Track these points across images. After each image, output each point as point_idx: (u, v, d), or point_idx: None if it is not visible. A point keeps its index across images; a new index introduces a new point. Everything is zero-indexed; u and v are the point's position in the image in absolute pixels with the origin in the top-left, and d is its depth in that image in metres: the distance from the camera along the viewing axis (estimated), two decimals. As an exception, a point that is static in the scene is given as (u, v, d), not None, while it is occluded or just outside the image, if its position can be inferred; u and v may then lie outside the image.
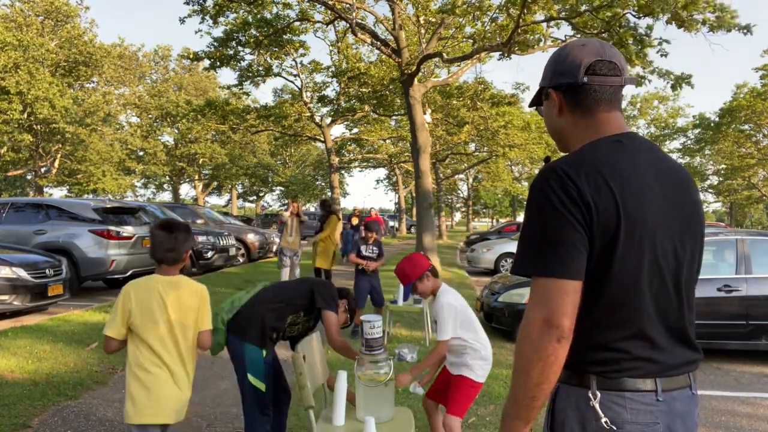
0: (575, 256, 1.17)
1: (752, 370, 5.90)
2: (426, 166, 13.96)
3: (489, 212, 65.07)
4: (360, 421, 2.75)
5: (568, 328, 1.16)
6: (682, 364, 1.26)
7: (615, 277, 1.20)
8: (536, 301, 1.18)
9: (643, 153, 1.30)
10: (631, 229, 1.19)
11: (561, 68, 1.36)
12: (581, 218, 1.18)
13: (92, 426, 3.80)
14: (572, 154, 1.28)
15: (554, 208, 1.19)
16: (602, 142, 1.30)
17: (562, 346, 1.16)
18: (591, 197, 1.18)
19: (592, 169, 1.21)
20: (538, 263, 1.19)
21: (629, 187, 1.21)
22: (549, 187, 1.20)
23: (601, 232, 1.18)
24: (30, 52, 23.93)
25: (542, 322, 1.16)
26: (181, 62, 41.43)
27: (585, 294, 1.21)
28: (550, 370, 1.16)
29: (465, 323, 2.97)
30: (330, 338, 2.97)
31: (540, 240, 1.20)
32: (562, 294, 1.16)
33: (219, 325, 2.86)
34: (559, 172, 1.21)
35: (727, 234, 6.55)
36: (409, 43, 15.54)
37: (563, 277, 1.16)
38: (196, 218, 15.29)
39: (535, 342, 1.16)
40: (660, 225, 1.23)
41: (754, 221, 58.68)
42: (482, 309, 7.34)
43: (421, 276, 3.02)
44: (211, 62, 17.66)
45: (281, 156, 49.76)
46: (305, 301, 3.02)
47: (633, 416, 1.20)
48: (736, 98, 33.77)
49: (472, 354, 2.94)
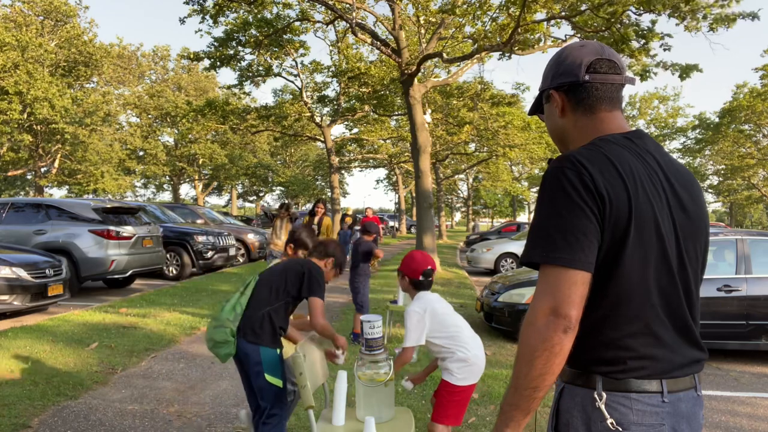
0: (586, 246, 1.16)
1: (752, 370, 5.91)
2: (426, 166, 13.96)
3: (489, 212, 65.05)
4: (360, 421, 2.75)
5: (575, 318, 1.14)
6: (688, 363, 1.26)
7: (623, 272, 1.19)
8: (544, 290, 1.16)
9: (652, 151, 1.31)
10: (641, 225, 1.19)
11: (562, 69, 1.37)
12: (595, 209, 1.17)
13: (92, 426, 3.80)
14: (585, 147, 1.27)
15: (568, 197, 1.17)
16: (613, 137, 1.30)
17: (568, 336, 1.14)
18: (605, 189, 1.17)
19: (607, 162, 1.20)
20: (547, 252, 1.17)
21: (641, 183, 1.21)
22: (564, 176, 1.19)
23: (613, 226, 1.17)
24: (29, 53, 23.93)
25: (549, 311, 1.14)
26: (179, 62, 41.46)
27: (592, 288, 1.20)
28: (555, 360, 1.14)
29: (437, 328, 2.89)
30: (314, 321, 2.93)
31: (551, 228, 1.18)
32: (571, 284, 1.14)
33: (229, 338, 2.81)
34: (575, 162, 1.20)
35: (727, 234, 6.55)
36: (409, 43, 15.54)
37: (573, 267, 1.14)
38: (196, 218, 15.29)
39: (540, 331, 1.14)
40: (668, 223, 1.23)
41: (754, 221, 58.69)
42: (482, 309, 7.33)
43: (403, 275, 3.05)
44: (211, 62, 17.66)
45: (281, 156, 49.79)
46: (300, 289, 2.98)
47: (639, 417, 1.19)
48: (736, 98, 33.80)
49: (450, 357, 2.86)
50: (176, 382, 4.81)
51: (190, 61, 21.00)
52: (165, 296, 9.02)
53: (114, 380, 4.81)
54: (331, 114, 24.41)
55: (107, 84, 32.95)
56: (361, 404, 2.82)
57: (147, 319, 7.11)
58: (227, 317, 2.84)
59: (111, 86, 33.75)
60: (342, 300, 9.41)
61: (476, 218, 30.07)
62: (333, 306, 8.85)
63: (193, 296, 9.13)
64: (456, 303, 9.25)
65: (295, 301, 2.99)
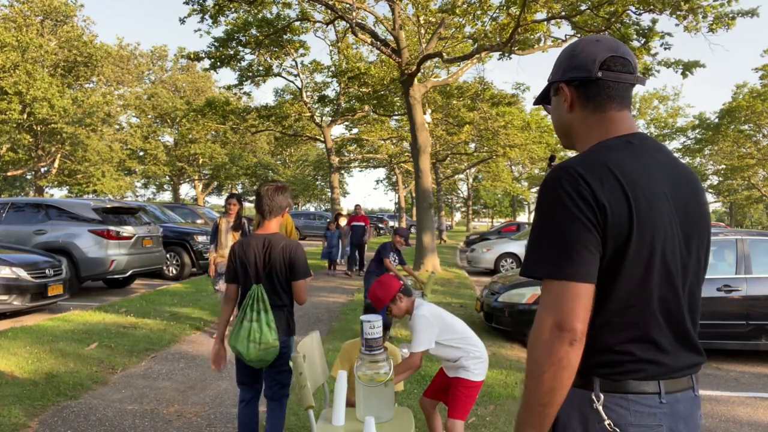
0: (588, 258, 1.15)
1: (752, 370, 5.91)
2: (426, 166, 13.96)
3: (489, 212, 65.07)
4: (360, 421, 2.75)
5: (580, 332, 1.14)
6: (686, 366, 1.26)
7: (624, 279, 1.18)
8: (548, 305, 1.16)
9: (654, 154, 1.29)
10: (642, 232, 1.18)
11: (575, 62, 1.34)
12: (594, 220, 1.16)
13: (92, 426, 3.80)
14: (583, 154, 1.26)
15: (567, 209, 1.16)
16: (613, 142, 1.28)
17: (575, 349, 1.14)
18: (605, 198, 1.16)
19: (606, 170, 1.19)
20: (549, 266, 1.17)
21: (641, 190, 1.20)
22: (561, 188, 1.18)
23: (614, 235, 1.17)
24: (29, 53, 23.94)
25: (554, 325, 1.14)
26: (177, 62, 41.43)
27: (593, 296, 1.20)
28: (563, 374, 1.14)
29: (447, 331, 2.97)
30: (299, 299, 3.08)
31: (552, 242, 1.18)
32: (575, 297, 1.14)
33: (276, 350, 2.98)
34: (572, 173, 1.19)
35: (727, 234, 6.55)
36: (409, 43, 15.54)
37: (576, 280, 1.14)
38: (196, 218, 15.28)
39: (546, 346, 1.14)
40: (669, 228, 1.22)
41: (754, 221, 58.68)
42: (482, 309, 7.33)
43: (394, 298, 3.03)
44: (211, 62, 17.66)
45: (281, 156, 49.78)
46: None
47: (636, 418, 1.19)
48: (735, 98, 33.80)
49: (465, 356, 2.96)
50: (176, 382, 4.81)
51: (189, 61, 21.03)
52: (165, 296, 9.02)
53: (114, 380, 4.81)
54: (331, 114, 24.41)
55: (107, 84, 32.94)
56: (361, 404, 2.82)
57: (147, 319, 7.11)
58: (273, 338, 2.94)
59: (111, 86, 33.74)
60: (342, 300, 9.42)
61: (441, 217, 29.58)
62: (333, 306, 8.85)
63: (193, 296, 9.13)
64: (456, 303, 9.25)
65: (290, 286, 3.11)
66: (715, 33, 11.22)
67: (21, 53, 23.50)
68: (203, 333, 6.74)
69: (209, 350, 5.85)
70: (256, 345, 2.90)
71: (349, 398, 2.96)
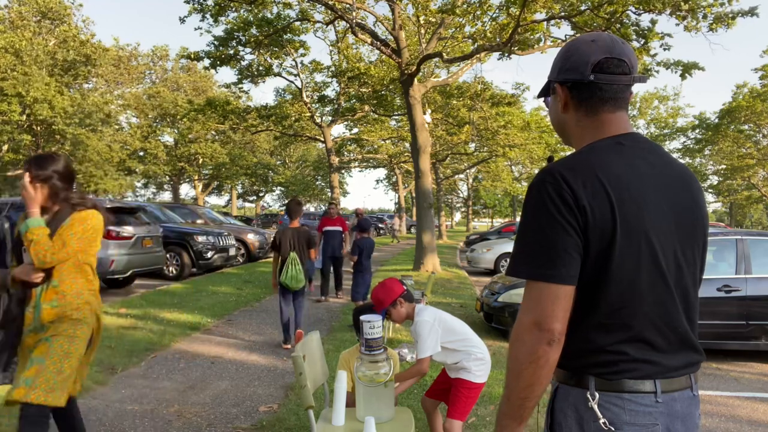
0: (567, 261, 1.17)
1: (752, 370, 5.91)
2: (426, 166, 13.97)
3: (489, 212, 65.06)
4: (360, 421, 2.75)
5: (559, 332, 1.17)
6: (683, 366, 1.26)
7: (613, 280, 1.19)
8: (528, 305, 1.20)
9: (645, 155, 1.28)
10: (629, 233, 1.18)
11: (568, 64, 1.34)
12: (575, 223, 1.18)
13: (92, 426, 3.80)
14: (571, 157, 1.28)
15: (548, 212, 1.19)
16: (602, 143, 1.29)
17: (554, 349, 1.17)
18: (587, 201, 1.17)
19: (590, 173, 1.20)
20: (530, 267, 1.20)
21: (627, 191, 1.20)
22: (545, 191, 1.20)
23: (598, 237, 1.18)
24: (26, 54, 23.93)
25: (533, 325, 1.17)
26: (178, 62, 41.43)
27: (584, 298, 1.21)
28: (541, 372, 1.18)
29: (449, 334, 2.98)
30: (312, 257, 6.15)
31: (533, 244, 1.21)
32: (553, 298, 1.17)
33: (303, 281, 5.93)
34: (556, 176, 1.21)
35: (727, 234, 6.55)
36: (409, 43, 15.55)
37: (555, 282, 1.17)
38: (196, 218, 15.28)
39: (526, 345, 1.18)
40: (660, 227, 1.22)
41: (754, 221, 58.69)
42: (482, 309, 7.34)
43: (394, 302, 3.02)
44: (211, 62, 17.67)
45: (281, 156, 49.80)
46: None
47: (631, 417, 1.20)
48: (735, 99, 33.81)
49: (466, 358, 2.96)
50: (176, 382, 4.81)
51: (190, 61, 21.04)
52: (165, 296, 9.02)
53: (114, 380, 4.81)
54: (331, 114, 24.42)
55: (106, 84, 32.95)
56: (361, 404, 2.82)
57: (147, 319, 7.11)
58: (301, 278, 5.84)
59: (110, 86, 33.75)
60: (342, 300, 9.41)
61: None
62: (333, 306, 8.86)
63: (193, 296, 9.13)
64: (456, 303, 9.25)
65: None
66: (715, 32, 11.21)
67: (15, 57, 23.50)
68: (203, 333, 6.74)
69: (209, 350, 5.89)
70: (295, 280, 5.79)
71: (349, 398, 2.96)
